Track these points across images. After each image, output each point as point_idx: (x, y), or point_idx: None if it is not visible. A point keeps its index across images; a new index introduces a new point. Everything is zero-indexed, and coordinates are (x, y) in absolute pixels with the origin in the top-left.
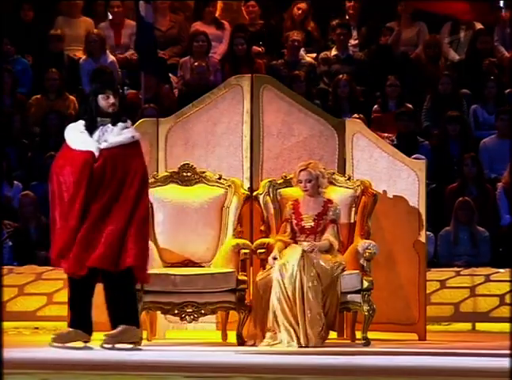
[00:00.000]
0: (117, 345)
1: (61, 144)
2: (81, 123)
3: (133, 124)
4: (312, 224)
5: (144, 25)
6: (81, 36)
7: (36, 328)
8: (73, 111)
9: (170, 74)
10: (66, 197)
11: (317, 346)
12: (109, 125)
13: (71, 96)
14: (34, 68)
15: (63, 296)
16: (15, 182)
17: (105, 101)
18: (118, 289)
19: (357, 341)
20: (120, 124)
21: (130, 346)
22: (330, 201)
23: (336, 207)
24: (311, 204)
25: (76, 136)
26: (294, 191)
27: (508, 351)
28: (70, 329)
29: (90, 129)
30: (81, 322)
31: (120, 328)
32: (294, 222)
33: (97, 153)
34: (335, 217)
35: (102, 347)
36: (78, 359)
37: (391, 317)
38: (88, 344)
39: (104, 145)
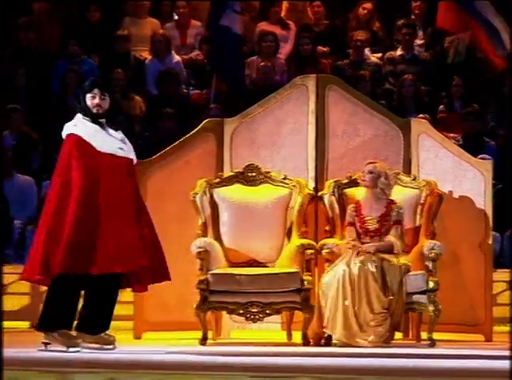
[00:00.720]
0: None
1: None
2: (88, 121)
3: (198, 124)
4: (377, 226)
5: (230, 36)
6: (147, 36)
7: None
8: (139, 111)
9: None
10: (103, 202)
11: (381, 346)
12: (111, 129)
13: (137, 97)
14: (100, 68)
15: (129, 296)
16: None
17: (90, 101)
18: (107, 293)
19: (422, 342)
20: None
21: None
22: (392, 201)
23: (399, 208)
24: (374, 206)
25: (102, 138)
26: (359, 192)
27: None
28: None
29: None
30: (72, 322)
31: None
32: (358, 224)
33: (135, 161)
34: (399, 218)
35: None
36: (144, 360)
37: (456, 318)
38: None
39: (133, 154)
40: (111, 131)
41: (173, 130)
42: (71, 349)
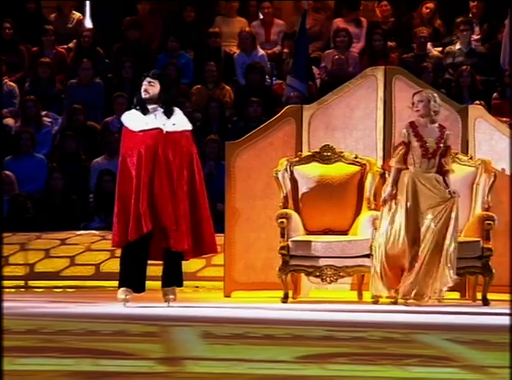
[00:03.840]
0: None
1: (222, 129)
2: (133, 110)
3: (280, 110)
4: (435, 147)
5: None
6: (236, 33)
7: (197, 287)
8: (229, 99)
9: (314, 67)
10: (135, 176)
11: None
12: (162, 111)
13: (227, 86)
14: (195, 61)
15: (220, 259)
16: None
17: (142, 88)
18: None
19: (477, 302)
20: (177, 111)
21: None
22: (443, 126)
23: (449, 132)
24: (429, 128)
25: (138, 120)
26: None
27: None
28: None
29: (144, 113)
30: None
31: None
32: (417, 144)
33: (165, 130)
34: (450, 142)
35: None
36: (233, 315)
37: (508, 280)
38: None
39: (172, 127)
40: (155, 113)
41: (258, 115)
42: (126, 304)
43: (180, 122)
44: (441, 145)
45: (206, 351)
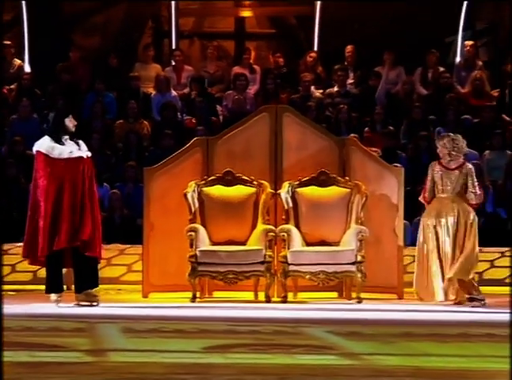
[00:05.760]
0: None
1: (139, 156)
2: (47, 139)
3: (189, 142)
4: None
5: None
6: (152, 77)
7: (119, 289)
8: (146, 132)
9: (217, 105)
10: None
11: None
12: (71, 141)
13: (145, 121)
14: (118, 100)
15: (139, 266)
16: (104, 183)
17: (70, 123)
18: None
19: (352, 299)
20: (80, 141)
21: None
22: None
23: None
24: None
25: (56, 147)
26: (309, 190)
27: None
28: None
29: (58, 142)
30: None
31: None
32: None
33: (88, 155)
34: None
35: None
36: (149, 313)
37: (377, 282)
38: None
39: (85, 154)
40: (67, 143)
41: (171, 145)
42: (59, 304)
43: (85, 149)
44: None
45: (126, 344)
